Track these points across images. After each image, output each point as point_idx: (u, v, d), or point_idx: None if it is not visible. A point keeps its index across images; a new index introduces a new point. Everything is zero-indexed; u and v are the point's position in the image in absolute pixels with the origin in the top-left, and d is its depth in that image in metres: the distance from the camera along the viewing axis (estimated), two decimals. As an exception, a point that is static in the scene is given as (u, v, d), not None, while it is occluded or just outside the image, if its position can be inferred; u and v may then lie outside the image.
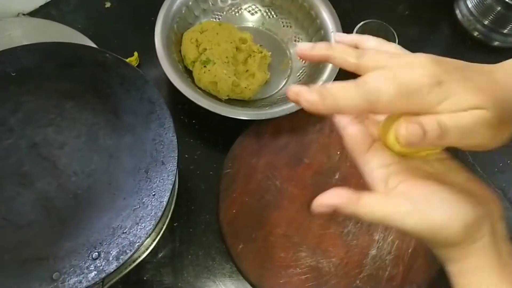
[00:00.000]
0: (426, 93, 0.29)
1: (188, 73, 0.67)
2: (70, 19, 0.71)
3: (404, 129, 0.29)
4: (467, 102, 0.29)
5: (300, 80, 0.69)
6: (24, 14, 0.70)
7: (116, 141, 0.46)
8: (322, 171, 0.62)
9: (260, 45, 0.70)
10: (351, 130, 0.35)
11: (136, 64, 0.69)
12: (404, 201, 0.32)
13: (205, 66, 0.65)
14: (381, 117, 0.35)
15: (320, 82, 0.63)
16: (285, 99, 0.65)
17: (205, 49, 0.66)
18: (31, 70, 0.49)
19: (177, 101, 0.68)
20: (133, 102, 0.48)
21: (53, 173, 0.44)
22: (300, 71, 0.71)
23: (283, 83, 0.71)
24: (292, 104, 0.61)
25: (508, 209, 0.64)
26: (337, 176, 0.61)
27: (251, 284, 0.55)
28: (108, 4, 0.74)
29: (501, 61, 0.75)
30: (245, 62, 0.68)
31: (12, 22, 0.67)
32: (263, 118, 0.61)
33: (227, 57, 0.66)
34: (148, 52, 0.70)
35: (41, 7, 0.72)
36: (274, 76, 0.70)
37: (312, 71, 0.68)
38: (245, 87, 0.66)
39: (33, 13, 0.71)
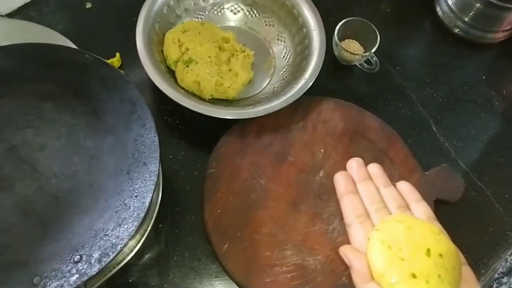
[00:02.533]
0: None
1: (170, 73, 0.66)
2: (50, 20, 0.71)
3: None
4: None
5: (283, 79, 0.69)
6: (2, 16, 0.69)
7: (97, 142, 0.46)
8: (306, 168, 0.62)
9: (243, 44, 0.70)
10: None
11: (118, 65, 0.69)
12: None
13: (187, 66, 0.64)
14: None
15: (303, 80, 0.64)
16: (269, 98, 0.65)
17: (187, 49, 0.66)
18: (9, 72, 0.48)
19: (160, 101, 0.67)
20: (114, 103, 0.48)
21: (33, 176, 0.44)
22: (284, 70, 0.71)
23: (267, 82, 0.70)
24: (276, 102, 0.61)
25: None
26: (321, 174, 0.61)
27: (237, 284, 0.55)
28: (88, 5, 0.74)
29: (481, 57, 0.77)
30: (228, 62, 0.68)
31: (-10, 23, 0.66)
32: (247, 117, 0.61)
33: (209, 56, 0.66)
34: (131, 53, 0.69)
35: (20, 8, 0.71)
36: (257, 75, 0.70)
37: (295, 69, 0.68)
38: (229, 87, 0.65)
39: (12, 15, 0.70)
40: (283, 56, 0.72)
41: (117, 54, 0.68)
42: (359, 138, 0.64)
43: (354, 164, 0.45)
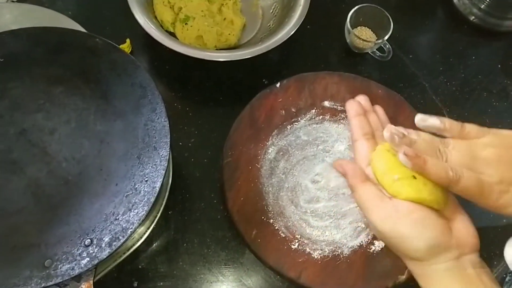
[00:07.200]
0: (498, 194, 0.39)
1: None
2: (60, 6, 0.70)
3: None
4: None
5: (275, 16, 0.71)
6: (13, 1, 0.69)
7: (107, 127, 0.45)
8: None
9: (228, -8, 0.72)
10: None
11: (128, 51, 0.68)
12: (390, 208, 0.38)
13: (186, 24, 0.66)
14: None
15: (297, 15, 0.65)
16: (267, 36, 0.65)
17: (180, 8, 0.68)
18: (19, 56, 0.48)
19: (171, 88, 0.67)
20: (124, 87, 0.47)
21: (43, 160, 0.43)
22: (272, 8, 0.73)
23: (259, 23, 0.73)
24: (267, 43, 0.62)
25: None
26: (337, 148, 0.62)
27: (270, 268, 0.54)
28: (98, -9, 0.73)
29: (496, 45, 0.75)
30: (220, 12, 0.70)
31: (0, 7, 0.66)
32: (260, 53, 0.61)
33: (202, 10, 0.68)
34: (141, 39, 0.69)
35: (30, -7, 0.70)
36: (248, 20, 0.72)
37: (285, 4, 0.70)
38: (229, 34, 0.68)
39: (22, 0, 0.70)
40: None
41: (127, 40, 0.68)
42: (368, 108, 0.64)
43: (362, 98, 0.48)
